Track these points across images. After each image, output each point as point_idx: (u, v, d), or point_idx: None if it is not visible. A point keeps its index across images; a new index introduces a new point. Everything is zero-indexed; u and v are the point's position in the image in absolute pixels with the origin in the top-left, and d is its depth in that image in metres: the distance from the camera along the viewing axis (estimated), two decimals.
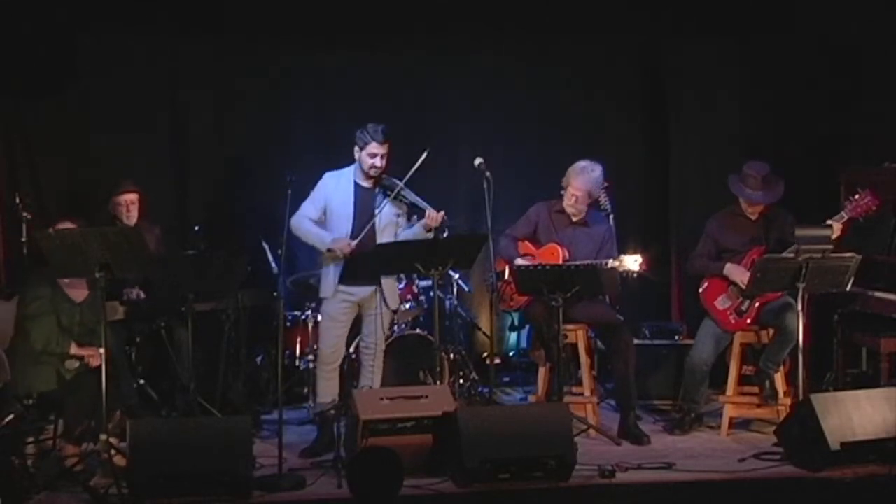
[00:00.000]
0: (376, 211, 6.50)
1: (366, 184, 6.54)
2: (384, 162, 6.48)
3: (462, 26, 8.14)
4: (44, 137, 7.75)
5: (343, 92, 8.13)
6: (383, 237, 6.52)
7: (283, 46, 8.10)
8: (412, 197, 6.49)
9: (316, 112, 8.18)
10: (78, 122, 7.84)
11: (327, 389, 6.59)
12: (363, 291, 6.56)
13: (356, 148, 6.50)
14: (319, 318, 6.85)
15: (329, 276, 6.53)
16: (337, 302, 6.55)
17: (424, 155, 6.34)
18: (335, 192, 6.50)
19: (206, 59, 8.08)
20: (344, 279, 6.48)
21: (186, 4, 7.76)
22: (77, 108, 7.83)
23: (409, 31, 8.12)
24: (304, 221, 6.50)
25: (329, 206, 6.51)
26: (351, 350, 6.96)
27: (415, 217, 6.62)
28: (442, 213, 6.44)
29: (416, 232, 6.56)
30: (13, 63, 7.42)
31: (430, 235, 6.48)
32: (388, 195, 6.48)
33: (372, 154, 6.44)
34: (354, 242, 6.41)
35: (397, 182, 6.46)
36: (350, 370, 6.95)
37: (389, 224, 6.57)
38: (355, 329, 6.72)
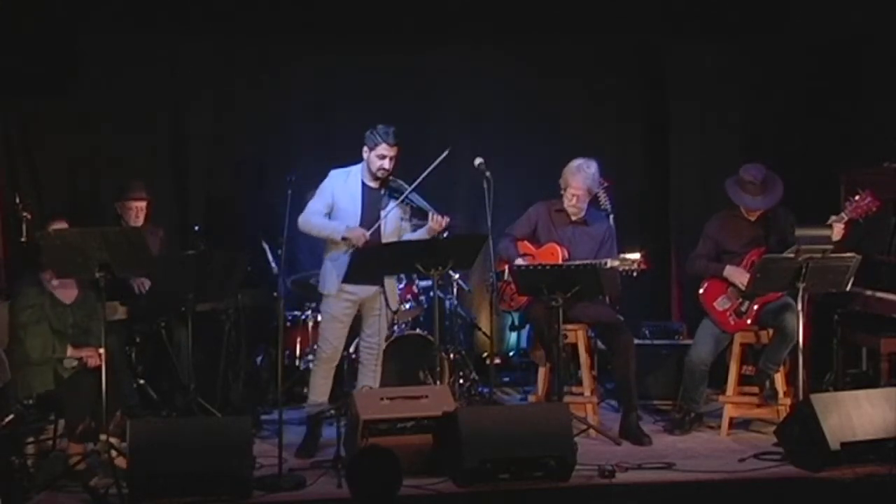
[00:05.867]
0: (383, 213, 6.48)
1: (373, 184, 6.52)
2: (392, 164, 6.47)
3: (462, 26, 8.14)
4: (44, 137, 7.76)
5: (343, 92, 8.13)
6: (388, 239, 6.50)
7: (283, 46, 8.11)
8: (419, 201, 6.48)
9: (316, 112, 8.18)
10: (78, 122, 7.84)
11: (322, 388, 6.59)
12: (366, 291, 6.54)
13: (365, 148, 6.47)
14: (320, 316, 6.84)
15: (332, 274, 6.50)
16: (339, 301, 6.53)
17: (438, 160, 6.29)
18: (343, 189, 6.48)
19: (206, 59, 8.07)
20: (348, 278, 6.43)
21: (186, 4, 7.76)
22: (77, 108, 7.82)
23: (410, 31, 8.11)
24: (313, 216, 6.48)
25: (336, 203, 6.48)
26: (351, 350, 6.96)
27: (414, 220, 6.62)
28: (447, 218, 6.44)
29: (419, 236, 6.56)
30: (13, 62, 7.42)
31: None
32: (396, 198, 6.47)
33: (381, 156, 6.42)
34: (368, 233, 6.38)
35: (405, 185, 6.45)
36: (350, 370, 6.95)
37: (395, 227, 6.56)
38: (354, 329, 6.71)
